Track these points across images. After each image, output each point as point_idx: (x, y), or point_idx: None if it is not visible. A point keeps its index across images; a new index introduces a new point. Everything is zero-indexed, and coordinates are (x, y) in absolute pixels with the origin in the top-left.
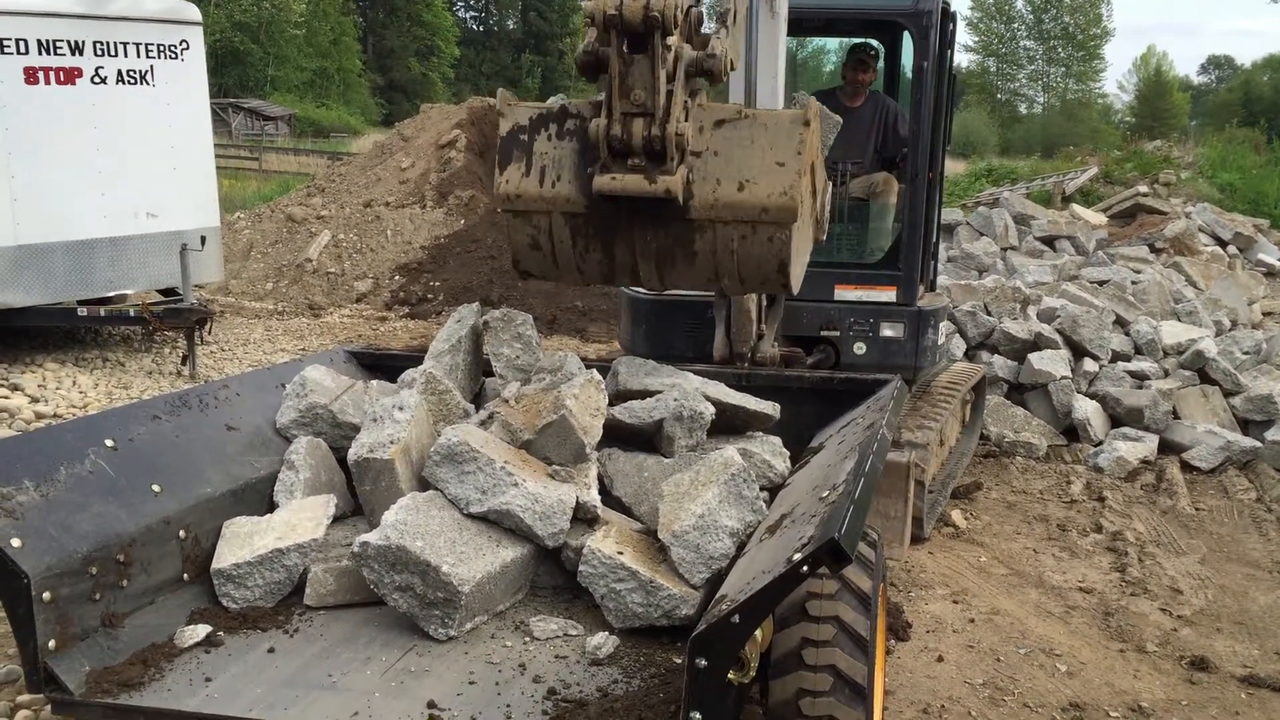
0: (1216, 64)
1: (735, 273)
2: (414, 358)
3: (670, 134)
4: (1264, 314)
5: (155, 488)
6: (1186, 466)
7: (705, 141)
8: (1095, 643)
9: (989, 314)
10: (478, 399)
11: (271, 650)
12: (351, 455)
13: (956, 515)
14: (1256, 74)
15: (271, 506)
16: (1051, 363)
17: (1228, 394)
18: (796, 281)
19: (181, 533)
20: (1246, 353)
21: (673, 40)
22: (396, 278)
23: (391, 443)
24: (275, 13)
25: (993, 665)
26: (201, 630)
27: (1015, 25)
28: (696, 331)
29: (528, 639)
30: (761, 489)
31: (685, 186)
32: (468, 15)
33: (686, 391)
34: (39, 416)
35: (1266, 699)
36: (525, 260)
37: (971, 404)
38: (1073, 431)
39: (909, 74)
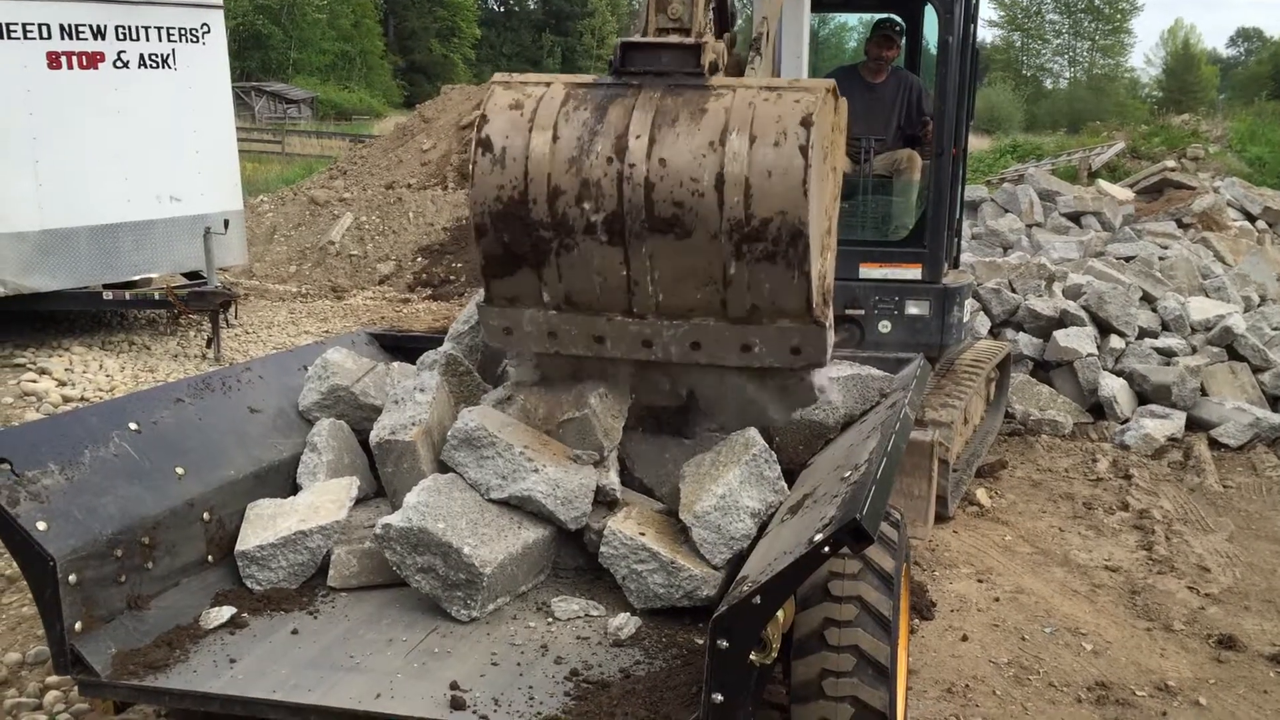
0: (1245, 36)
1: (748, 130)
2: (434, 339)
3: (708, 43)
4: None
5: (179, 470)
6: (1214, 444)
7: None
8: (1121, 621)
9: (1014, 291)
10: (498, 381)
11: (295, 632)
12: (373, 437)
13: (981, 494)
14: None
15: (295, 488)
16: (1077, 340)
17: (1256, 370)
18: (811, 212)
19: (205, 515)
20: (1276, 329)
21: None
22: (419, 259)
23: (413, 425)
24: None
25: (1018, 644)
26: (226, 612)
27: None
28: None
29: (550, 620)
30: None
31: (711, 64)
32: None
33: None
34: (66, 400)
35: None
36: (492, 124)
37: (996, 382)
38: (1099, 409)
39: (932, 50)
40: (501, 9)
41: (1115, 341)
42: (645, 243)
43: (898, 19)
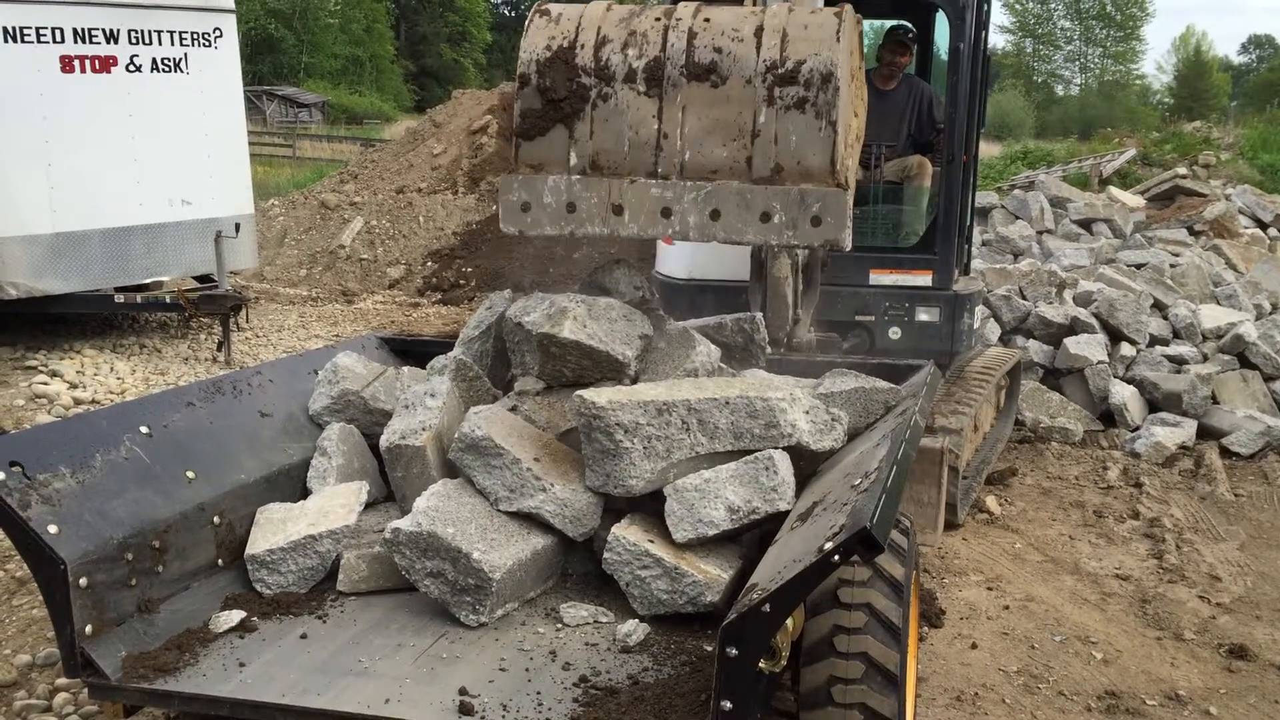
0: (1257, 43)
1: (787, 5)
2: (444, 344)
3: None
4: None
5: (190, 474)
6: (1225, 452)
7: None
8: (1132, 630)
9: (1024, 298)
10: (509, 386)
11: (304, 636)
12: (383, 442)
13: (991, 501)
14: None
15: (305, 493)
16: (1088, 347)
17: (1268, 378)
18: (841, 67)
19: (216, 519)
20: None
21: None
22: (429, 264)
23: (423, 429)
24: (310, 1)
25: (1027, 653)
26: (235, 616)
27: (1052, 5)
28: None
29: (558, 626)
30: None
31: None
32: (499, 1)
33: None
34: (77, 402)
35: None
36: (551, 4)
37: (1006, 389)
38: (1109, 417)
39: (943, 56)
40: (513, 14)
41: (1126, 349)
42: (681, 91)
43: (910, 26)
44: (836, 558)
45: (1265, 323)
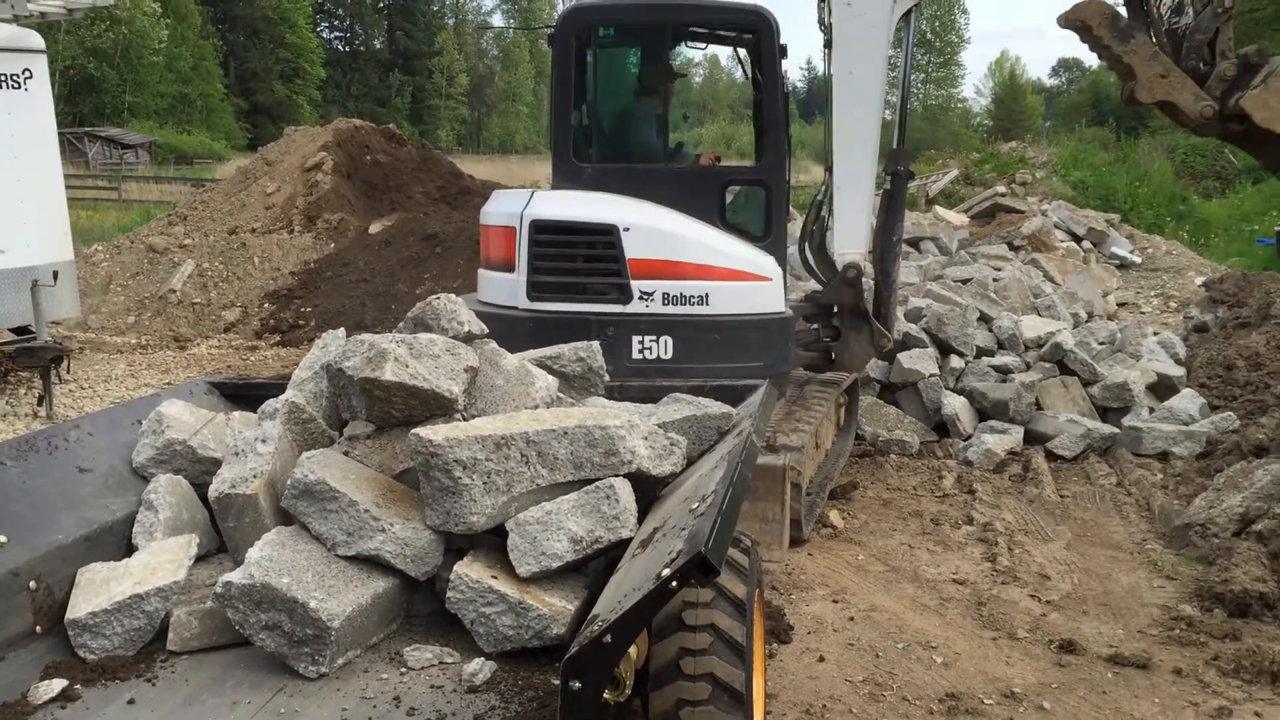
0: (1067, 66)
1: None
2: (278, 385)
3: None
4: (1118, 305)
5: (1, 538)
6: (1051, 455)
7: None
8: (969, 633)
9: None
10: (344, 426)
11: (132, 701)
12: (213, 491)
13: (834, 515)
14: (1103, 75)
15: (130, 550)
16: (920, 361)
17: (1086, 383)
18: None
19: (32, 584)
20: (1102, 343)
21: None
22: (266, 305)
23: (254, 477)
24: (133, 39)
25: (872, 662)
26: (57, 685)
27: None
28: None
29: (402, 670)
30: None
31: None
32: (333, 36)
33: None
34: None
35: (1131, 676)
36: None
37: (846, 406)
38: (943, 427)
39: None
40: (347, 50)
41: (955, 361)
42: None
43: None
44: (675, 584)
45: (1081, 331)
